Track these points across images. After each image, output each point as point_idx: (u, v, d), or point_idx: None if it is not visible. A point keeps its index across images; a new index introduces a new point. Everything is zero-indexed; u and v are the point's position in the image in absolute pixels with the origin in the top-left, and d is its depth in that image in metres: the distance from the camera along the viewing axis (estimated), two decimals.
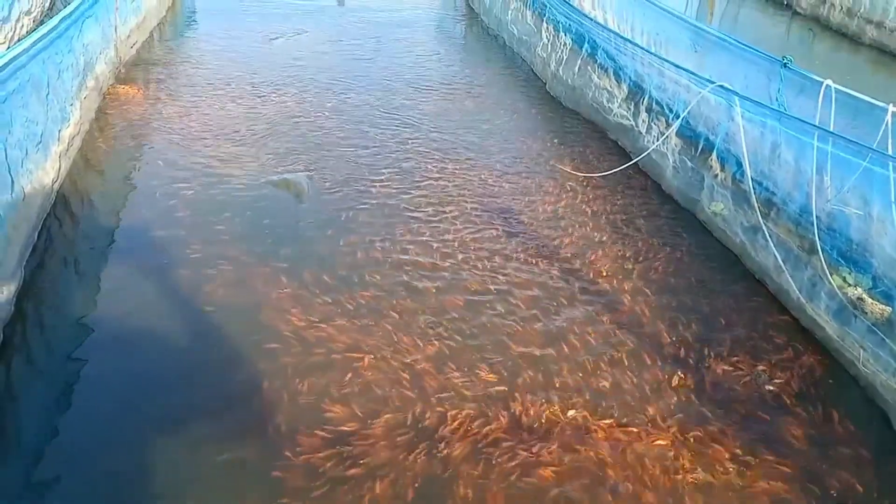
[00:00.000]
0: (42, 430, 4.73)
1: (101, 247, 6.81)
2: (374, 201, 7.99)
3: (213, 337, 5.74)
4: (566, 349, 5.81)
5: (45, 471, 4.43)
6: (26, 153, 6.80)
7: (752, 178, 6.71)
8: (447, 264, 6.86)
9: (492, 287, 6.55)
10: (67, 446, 4.62)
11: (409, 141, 9.75)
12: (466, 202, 8.13)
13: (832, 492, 4.62)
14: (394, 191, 8.27)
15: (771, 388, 5.49)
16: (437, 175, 8.76)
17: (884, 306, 5.39)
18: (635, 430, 5.02)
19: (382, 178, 8.58)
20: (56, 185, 7.52)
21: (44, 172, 7.22)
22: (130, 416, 4.92)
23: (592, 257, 7.17)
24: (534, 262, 7.01)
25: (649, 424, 5.08)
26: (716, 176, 7.64)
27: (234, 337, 5.72)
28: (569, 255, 7.18)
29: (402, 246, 7.12)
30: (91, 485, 4.38)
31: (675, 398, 5.35)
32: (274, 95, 11.11)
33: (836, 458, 4.88)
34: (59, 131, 8.01)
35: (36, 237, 6.67)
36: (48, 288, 6.20)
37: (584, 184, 8.71)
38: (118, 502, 4.32)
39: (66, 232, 7.08)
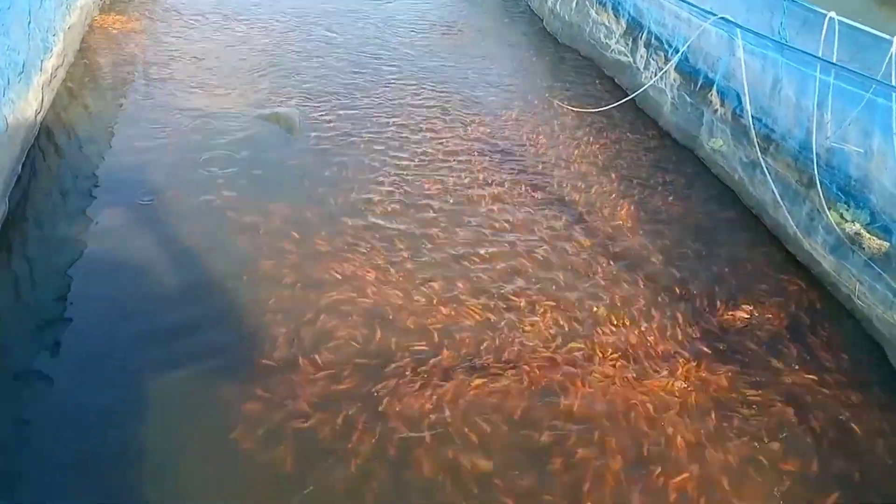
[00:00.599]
0: (28, 362, 4.66)
1: (86, 180, 6.67)
2: (365, 135, 7.83)
3: (196, 267, 5.66)
4: (562, 283, 5.75)
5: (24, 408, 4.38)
6: (8, 82, 6.59)
7: (751, 114, 6.58)
8: (437, 202, 6.77)
9: (486, 220, 6.47)
10: (50, 380, 4.56)
11: (406, 75, 9.55)
12: (461, 135, 8.01)
13: (828, 424, 4.60)
14: (385, 122, 8.12)
15: (766, 321, 5.46)
16: (431, 105, 8.62)
17: (881, 241, 5.34)
18: (629, 363, 4.99)
19: (375, 109, 8.41)
20: (39, 117, 7.34)
21: (26, 103, 7.02)
22: (111, 342, 4.85)
23: (588, 193, 7.08)
24: (529, 198, 6.92)
25: (644, 358, 5.04)
26: (715, 111, 7.50)
27: (214, 265, 5.67)
28: (564, 191, 7.08)
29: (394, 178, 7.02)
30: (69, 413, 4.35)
31: (671, 332, 5.31)
32: (264, 25, 10.84)
33: (831, 391, 4.86)
34: (42, 62, 7.77)
35: (20, 169, 6.52)
36: (33, 219, 6.08)
37: (581, 120, 8.56)
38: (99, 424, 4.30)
39: (50, 165, 6.93)
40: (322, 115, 8.24)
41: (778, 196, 6.19)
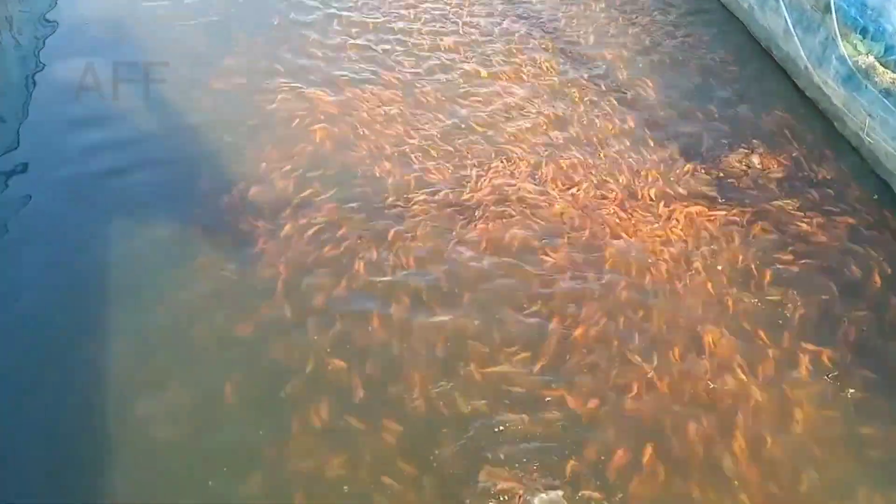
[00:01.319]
0: None
1: None
2: None
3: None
4: (570, 125, 5.49)
5: None
6: None
7: None
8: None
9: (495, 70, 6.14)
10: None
11: None
12: None
13: (837, 261, 4.47)
14: None
15: (771, 158, 5.25)
16: None
17: (895, 74, 5.07)
18: (626, 203, 4.82)
19: None
20: None
21: None
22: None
23: (585, 29, 6.68)
24: (534, 34, 6.55)
25: (642, 198, 4.87)
26: None
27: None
28: (566, 28, 6.66)
29: None
30: None
31: (669, 172, 5.11)
32: None
33: (839, 228, 4.69)
34: None
35: None
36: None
37: None
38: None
39: None
40: None
41: (790, 25, 5.81)
